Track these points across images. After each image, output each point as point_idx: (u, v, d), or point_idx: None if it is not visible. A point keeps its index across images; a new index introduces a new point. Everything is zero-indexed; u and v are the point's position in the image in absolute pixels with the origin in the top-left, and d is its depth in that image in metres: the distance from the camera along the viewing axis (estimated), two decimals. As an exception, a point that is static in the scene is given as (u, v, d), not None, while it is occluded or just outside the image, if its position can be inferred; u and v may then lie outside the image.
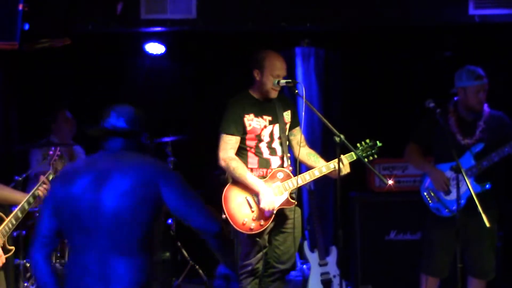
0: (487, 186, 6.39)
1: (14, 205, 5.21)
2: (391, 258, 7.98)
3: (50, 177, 5.32)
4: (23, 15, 6.86)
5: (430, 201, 6.60)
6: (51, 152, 5.46)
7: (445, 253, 6.51)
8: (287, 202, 6.19)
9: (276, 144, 6.30)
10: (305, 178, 6.22)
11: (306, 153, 6.45)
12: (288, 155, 6.38)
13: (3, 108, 8.49)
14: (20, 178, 6.84)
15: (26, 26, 6.93)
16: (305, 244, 7.80)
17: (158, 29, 8.34)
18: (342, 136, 5.58)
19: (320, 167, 6.26)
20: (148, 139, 7.95)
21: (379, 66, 9.05)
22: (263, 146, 6.24)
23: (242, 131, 6.19)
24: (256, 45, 8.65)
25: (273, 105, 6.30)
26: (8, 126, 8.56)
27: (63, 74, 8.87)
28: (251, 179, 6.08)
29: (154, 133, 8.25)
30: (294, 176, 6.21)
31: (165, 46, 9.08)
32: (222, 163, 6.14)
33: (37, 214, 7.30)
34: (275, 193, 6.14)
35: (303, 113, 6.13)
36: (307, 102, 5.86)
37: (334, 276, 7.74)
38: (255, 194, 6.11)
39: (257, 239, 6.12)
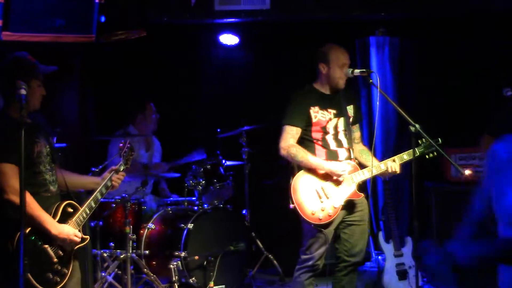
0: None
1: (85, 189, 5.27)
2: (468, 249, 7.84)
3: (121, 168, 5.35)
4: (99, 7, 6.94)
5: None
6: (121, 145, 5.50)
7: None
8: (354, 194, 6.12)
9: (341, 137, 6.23)
10: (373, 171, 6.15)
11: (359, 150, 6.36)
12: (353, 148, 6.33)
13: (81, 99, 8.61)
14: (97, 169, 6.93)
15: (102, 19, 7.01)
16: (380, 234, 7.72)
17: (232, 20, 8.35)
18: (417, 126, 5.51)
19: (393, 158, 6.18)
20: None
21: (454, 54, 8.89)
22: (329, 138, 6.18)
23: (306, 123, 6.14)
24: (330, 34, 8.64)
25: (338, 99, 6.25)
26: (85, 117, 8.67)
27: (138, 65, 8.94)
28: (313, 160, 6.04)
29: (229, 124, 8.29)
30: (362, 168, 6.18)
31: (239, 37, 9.08)
32: (282, 151, 6.11)
33: (114, 205, 7.40)
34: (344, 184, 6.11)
35: (378, 103, 6.10)
36: (381, 92, 5.80)
37: (410, 267, 7.65)
38: (326, 182, 6.06)
39: (323, 230, 6.08)
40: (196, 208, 7.55)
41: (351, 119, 6.30)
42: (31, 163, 4.77)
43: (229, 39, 9.10)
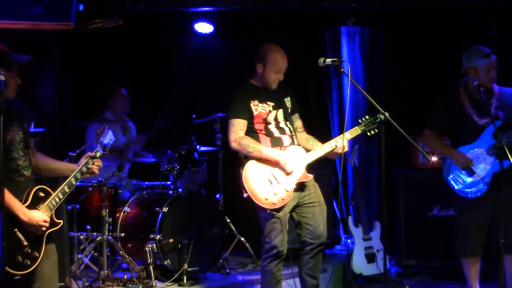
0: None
1: (60, 176, 5.25)
2: (434, 233, 7.91)
3: (98, 154, 5.29)
4: (78, -3, 6.91)
5: (455, 185, 6.52)
6: (99, 131, 5.44)
7: (479, 233, 6.46)
8: (304, 176, 6.16)
9: (283, 125, 6.30)
10: (318, 153, 6.18)
11: (304, 138, 6.41)
12: (296, 135, 6.36)
13: (58, 86, 8.55)
14: (74, 154, 6.90)
15: (81, 7, 6.96)
16: (350, 219, 7.76)
17: (207, 8, 8.32)
18: (386, 114, 5.53)
19: (325, 145, 6.22)
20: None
21: (423, 44, 8.93)
22: (271, 127, 6.25)
23: (249, 116, 6.20)
24: (302, 23, 8.65)
25: (274, 92, 6.32)
26: (63, 103, 8.62)
27: (115, 53, 8.90)
28: (265, 150, 6.08)
29: (202, 110, 8.27)
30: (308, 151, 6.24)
31: (213, 26, 9.06)
32: (234, 144, 6.13)
33: (90, 189, 7.40)
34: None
35: (348, 91, 6.11)
36: (352, 80, 5.79)
37: (378, 251, 7.71)
38: (275, 168, 6.09)
39: (277, 214, 6.09)
40: (171, 192, 7.55)
41: (289, 110, 6.37)
42: (3, 150, 4.73)
43: (204, 27, 9.08)
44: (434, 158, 6.29)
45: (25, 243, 4.78)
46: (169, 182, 7.74)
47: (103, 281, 6.95)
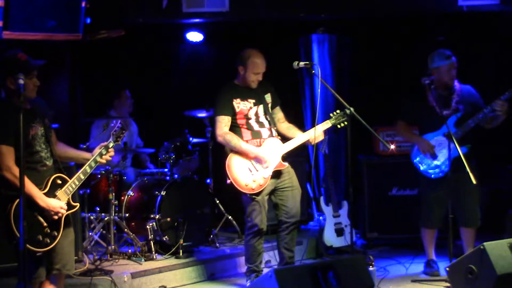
0: (467, 148, 6.37)
1: (77, 162, 5.29)
2: (394, 210, 7.99)
3: (111, 145, 5.31)
4: (85, 11, 6.92)
5: (421, 167, 6.61)
6: (112, 125, 5.45)
7: (439, 208, 6.54)
8: (280, 165, 6.24)
9: (263, 119, 6.36)
10: (291, 145, 6.26)
11: (286, 127, 6.46)
12: (275, 127, 6.41)
13: (70, 88, 8.56)
14: (85, 146, 6.93)
15: (88, 20, 6.98)
16: (321, 199, 7.82)
17: (197, 20, 8.36)
18: (352, 109, 5.60)
19: (301, 134, 6.28)
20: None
21: (382, 49, 8.99)
22: (252, 122, 6.31)
23: (232, 112, 6.26)
24: (279, 32, 8.70)
25: (255, 90, 6.37)
26: (74, 103, 8.63)
27: (118, 59, 8.91)
28: (244, 146, 6.18)
29: (195, 107, 8.29)
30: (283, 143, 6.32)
31: (203, 35, 9.09)
32: (219, 138, 6.24)
33: (99, 176, 7.42)
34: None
35: (319, 90, 6.18)
36: (322, 81, 5.87)
37: (346, 226, 7.78)
38: (252, 159, 6.17)
39: (256, 197, 6.19)
40: (168, 178, 7.58)
41: (269, 105, 6.42)
42: (27, 144, 4.78)
43: (195, 36, 9.11)
44: (392, 146, 6.36)
45: (45, 224, 4.83)
46: (166, 169, 7.76)
47: (110, 255, 6.99)
